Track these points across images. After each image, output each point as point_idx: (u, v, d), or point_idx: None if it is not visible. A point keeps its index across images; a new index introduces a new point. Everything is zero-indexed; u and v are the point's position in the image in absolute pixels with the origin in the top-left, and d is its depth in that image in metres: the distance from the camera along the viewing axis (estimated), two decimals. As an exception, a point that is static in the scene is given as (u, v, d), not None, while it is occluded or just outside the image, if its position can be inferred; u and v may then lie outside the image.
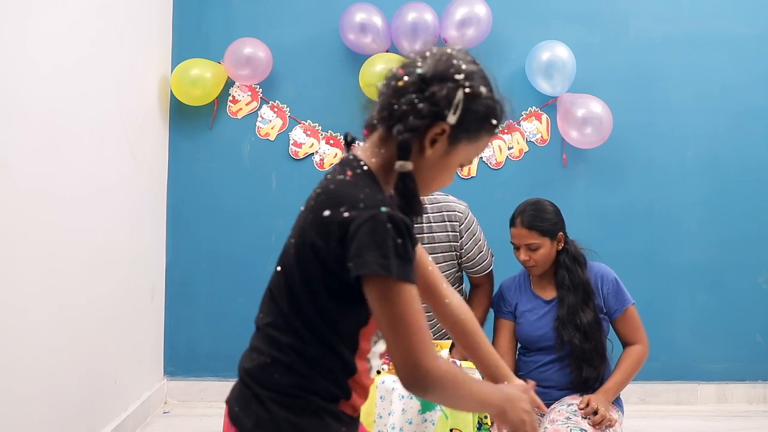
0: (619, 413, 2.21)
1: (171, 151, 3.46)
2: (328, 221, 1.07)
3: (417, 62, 1.15)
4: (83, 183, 2.51)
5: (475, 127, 1.13)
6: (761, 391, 3.55)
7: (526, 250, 2.20)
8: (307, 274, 1.11)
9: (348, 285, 1.08)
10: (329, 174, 1.16)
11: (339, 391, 1.15)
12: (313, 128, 3.47)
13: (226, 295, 3.48)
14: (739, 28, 3.54)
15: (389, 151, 1.12)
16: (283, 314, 1.14)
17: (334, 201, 1.08)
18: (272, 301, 1.18)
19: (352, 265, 1.03)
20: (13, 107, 2.03)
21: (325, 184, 1.14)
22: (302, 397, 1.12)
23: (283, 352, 1.13)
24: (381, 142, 1.14)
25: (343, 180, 1.11)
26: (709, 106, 3.54)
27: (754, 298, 3.51)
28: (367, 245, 1.02)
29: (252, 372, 1.17)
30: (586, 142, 3.37)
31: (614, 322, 2.26)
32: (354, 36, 3.32)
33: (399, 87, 1.11)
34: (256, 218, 3.47)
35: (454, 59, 1.15)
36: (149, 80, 3.21)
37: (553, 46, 3.34)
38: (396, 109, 1.10)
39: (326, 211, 1.07)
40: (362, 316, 1.14)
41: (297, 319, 1.13)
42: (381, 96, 1.15)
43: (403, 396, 1.89)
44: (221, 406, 1.25)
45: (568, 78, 3.35)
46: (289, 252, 1.15)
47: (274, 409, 1.12)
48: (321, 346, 1.13)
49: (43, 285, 2.23)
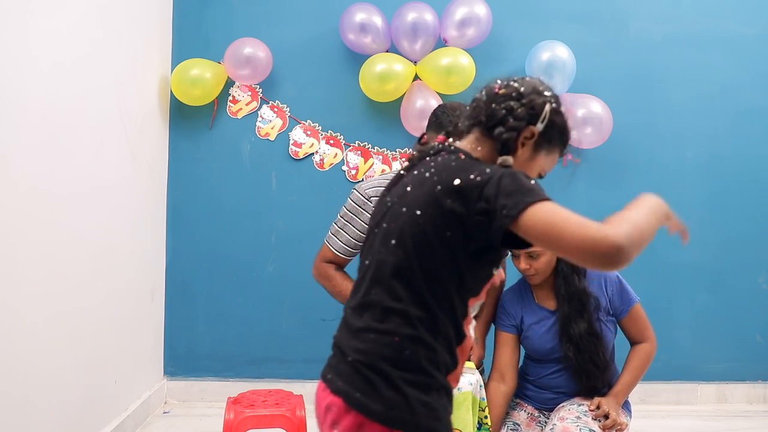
0: (627, 417, 2.21)
1: (171, 151, 3.47)
2: (461, 187, 1.16)
3: (511, 80, 1.33)
4: (83, 183, 2.51)
5: (554, 139, 1.33)
6: (761, 391, 3.55)
7: (526, 259, 2.16)
8: (435, 244, 1.18)
9: (485, 245, 1.18)
10: (433, 160, 1.27)
11: (452, 360, 1.23)
12: (313, 128, 3.47)
13: (226, 295, 3.48)
14: (739, 28, 3.54)
15: (485, 150, 1.29)
16: (403, 288, 1.19)
17: (462, 171, 1.18)
18: (382, 280, 1.22)
19: (506, 211, 1.11)
20: (12, 107, 2.03)
21: (440, 164, 1.24)
22: (430, 374, 1.18)
23: (410, 326, 1.18)
24: (477, 142, 1.30)
25: (459, 159, 1.25)
26: (709, 106, 3.54)
27: (754, 298, 3.52)
28: (514, 189, 1.12)
29: (376, 352, 1.18)
30: (586, 142, 3.37)
31: (621, 322, 2.24)
32: (354, 36, 3.32)
33: (499, 94, 1.30)
34: (256, 218, 3.48)
35: (541, 81, 1.35)
36: (149, 80, 3.21)
37: (553, 46, 3.34)
38: (496, 113, 1.28)
39: (456, 180, 1.17)
40: (486, 276, 1.26)
41: (420, 291, 1.19)
42: (475, 105, 1.33)
43: (403, 396, 1.88)
44: (221, 406, 1.25)
45: (568, 78, 3.35)
46: (401, 229, 1.22)
47: (406, 390, 1.15)
48: (442, 315, 1.20)
49: (42, 285, 2.23)
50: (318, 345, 3.44)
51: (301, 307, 3.45)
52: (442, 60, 3.27)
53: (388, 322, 1.19)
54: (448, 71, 3.27)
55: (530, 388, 2.31)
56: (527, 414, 2.28)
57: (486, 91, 1.34)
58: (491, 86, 1.34)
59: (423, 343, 1.18)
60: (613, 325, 2.24)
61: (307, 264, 2.53)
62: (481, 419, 2.02)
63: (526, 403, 2.31)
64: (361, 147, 3.47)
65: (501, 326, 2.32)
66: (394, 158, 3.46)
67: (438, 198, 1.18)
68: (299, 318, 3.47)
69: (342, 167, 3.47)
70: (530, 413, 2.28)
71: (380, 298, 1.21)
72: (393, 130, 3.44)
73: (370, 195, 2.24)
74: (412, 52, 3.32)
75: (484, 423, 2.03)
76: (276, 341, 3.48)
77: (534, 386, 2.30)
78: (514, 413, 2.28)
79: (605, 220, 1.12)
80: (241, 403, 2.37)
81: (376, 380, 1.16)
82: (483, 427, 2.03)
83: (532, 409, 2.29)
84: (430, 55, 3.32)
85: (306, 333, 3.46)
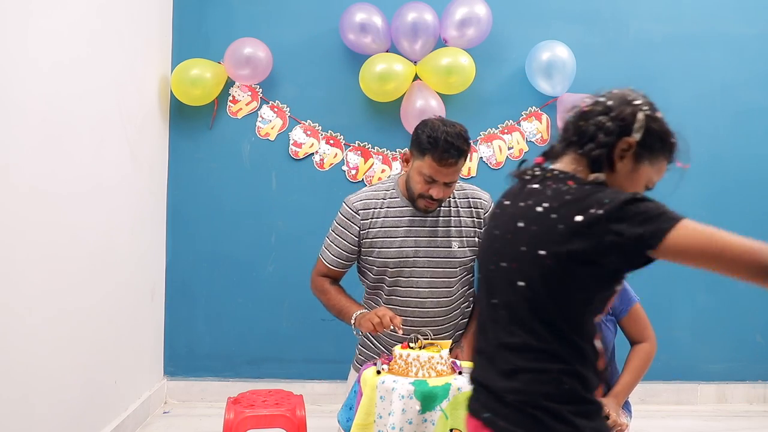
0: (627, 417, 2.20)
1: (171, 151, 3.47)
2: (585, 224, 1.15)
3: (598, 96, 1.33)
4: (83, 183, 2.51)
5: (655, 147, 1.29)
6: (761, 391, 3.55)
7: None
8: (566, 281, 1.19)
9: (615, 270, 1.18)
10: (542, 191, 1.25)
11: (596, 379, 1.24)
12: (313, 128, 3.47)
13: (225, 295, 3.48)
14: (739, 28, 3.54)
15: (584, 170, 1.27)
16: (544, 328, 1.21)
17: (581, 205, 1.16)
18: (521, 322, 1.23)
19: (646, 240, 1.11)
20: (12, 107, 2.03)
21: (553, 196, 1.22)
22: (590, 400, 1.22)
23: (562, 362, 1.20)
24: (575, 162, 1.28)
25: (570, 187, 1.22)
26: (709, 106, 3.54)
27: (754, 298, 3.51)
28: (645, 217, 1.12)
29: (535, 391, 1.20)
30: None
31: (621, 322, 2.24)
32: (354, 36, 3.32)
33: (586, 111, 1.29)
34: (256, 218, 3.48)
35: (630, 90, 1.33)
36: (149, 80, 3.21)
37: (553, 46, 3.35)
38: (585, 130, 1.27)
39: (578, 217, 1.15)
40: (612, 293, 1.25)
41: (560, 327, 1.20)
42: (565, 126, 1.33)
43: (403, 396, 1.89)
44: (221, 406, 1.25)
45: (568, 78, 3.36)
46: (527, 271, 1.22)
47: (576, 422, 1.18)
48: (581, 342, 1.22)
49: (42, 285, 2.23)
50: (318, 345, 3.47)
51: (301, 307, 3.45)
52: (442, 60, 3.27)
53: (539, 361, 1.21)
54: (448, 71, 3.27)
55: None
56: None
57: (574, 110, 1.34)
58: (578, 105, 1.33)
59: (576, 374, 1.20)
60: (613, 325, 2.24)
61: (307, 264, 2.53)
62: (481, 419, 2.02)
63: None
64: (361, 147, 3.47)
65: None
66: (394, 158, 3.46)
67: (562, 237, 1.17)
68: (299, 318, 3.47)
69: (342, 167, 3.47)
70: None
71: (524, 340, 1.22)
72: (393, 130, 3.44)
73: (358, 208, 2.27)
74: (412, 52, 3.32)
75: (484, 423, 2.03)
76: (276, 341, 3.48)
77: None
78: None
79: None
80: (241, 403, 2.36)
81: (543, 417, 1.18)
82: (483, 427, 2.03)
83: None
84: (430, 55, 3.32)
85: (306, 333, 3.46)
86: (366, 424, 1.94)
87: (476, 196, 2.34)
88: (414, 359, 1.97)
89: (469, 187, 2.37)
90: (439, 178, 2.12)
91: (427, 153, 2.09)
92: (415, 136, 2.17)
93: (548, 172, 1.29)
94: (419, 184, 2.15)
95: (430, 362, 1.97)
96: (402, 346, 2.05)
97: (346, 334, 2.70)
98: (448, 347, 2.06)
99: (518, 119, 3.49)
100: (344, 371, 2.58)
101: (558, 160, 1.31)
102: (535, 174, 1.31)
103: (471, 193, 2.34)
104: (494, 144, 3.49)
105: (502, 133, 3.50)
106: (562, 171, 1.28)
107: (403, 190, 2.27)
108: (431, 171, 2.10)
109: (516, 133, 3.50)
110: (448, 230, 2.27)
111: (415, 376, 1.95)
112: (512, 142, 3.50)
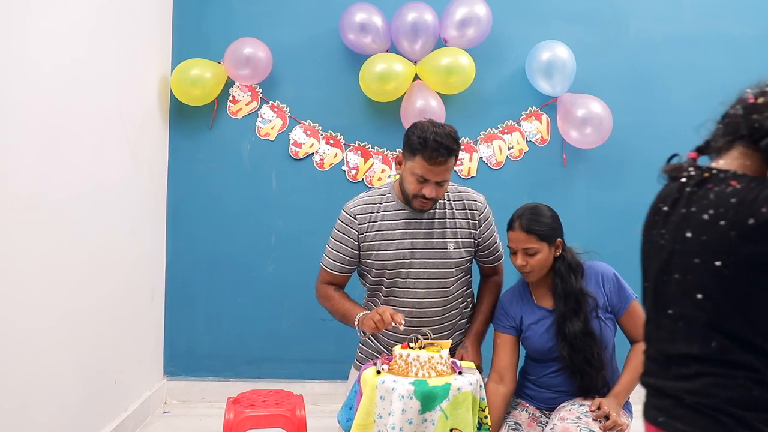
0: (628, 418, 2.20)
1: (171, 151, 3.46)
2: (759, 227, 1.10)
3: (764, 86, 1.26)
4: (83, 183, 2.51)
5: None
6: (761, 391, 3.55)
7: (523, 255, 2.17)
8: (747, 289, 1.14)
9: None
10: (704, 196, 1.20)
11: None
12: (313, 128, 3.47)
13: (225, 296, 3.48)
14: (739, 28, 3.54)
15: (755, 165, 1.22)
16: (728, 339, 1.16)
17: (751, 207, 1.12)
18: (702, 334, 1.18)
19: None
20: (12, 107, 2.03)
21: (718, 201, 1.17)
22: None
23: (749, 370, 1.15)
24: (743, 157, 1.23)
25: (735, 188, 1.16)
26: (708, 106, 3.52)
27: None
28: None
29: (719, 395, 1.16)
30: (586, 142, 3.37)
31: (620, 320, 2.24)
32: (354, 36, 3.32)
33: (758, 103, 1.23)
34: (256, 218, 3.47)
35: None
36: (149, 80, 3.21)
37: (553, 46, 3.34)
38: (762, 124, 1.21)
39: (750, 220, 1.11)
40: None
41: (744, 336, 1.15)
42: (730, 120, 1.28)
43: (403, 396, 1.89)
44: (221, 406, 1.25)
45: (568, 78, 3.36)
46: (703, 283, 1.17)
47: (764, 430, 1.14)
48: (764, 342, 1.16)
49: (43, 285, 2.23)
50: (318, 345, 3.47)
51: (301, 307, 3.45)
52: (442, 60, 3.27)
53: (723, 367, 1.17)
54: (448, 71, 3.27)
55: (531, 387, 2.31)
56: (528, 414, 2.27)
57: (740, 103, 1.28)
58: (744, 97, 1.27)
59: (765, 382, 1.15)
60: (612, 323, 2.24)
61: (307, 264, 2.53)
62: (481, 419, 2.02)
63: (527, 403, 2.31)
64: (361, 147, 3.47)
65: (499, 327, 2.32)
66: (394, 158, 3.46)
67: (736, 245, 1.12)
68: (299, 318, 3.47)
69: (342, 167, 3.47)
70: (531, 413, 2.28)
71: (706, 352, 1.18)
72: (393, 130, 3.44)
73: (356, 213, 2.32)
74: (412, 52, 3.32)
75: (484, 423, 2.03)
76: (276, 341, 3.48)
77: (535, 385, 2.30)
78: (515, 413, 2.28)
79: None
80: (241, 403, 2.37)
81: (727, 422, 1.15)
82: (483, 427, 2.03)
83: (533, 408, 2.29)
84: (430, 55, 3.32)
85: (306, 333, 3.46)
86: (366, 424, 1.94)
87: (471, 197, 2.38)
88: (414, 359, 1.97)
89: (463, 189, 2.41)
90: (431, 177, 2.17)
91: (418, 153, 2.15)
92: (405, 138, 2.23)
93: (705, 171, 1.23)
94: (412, 185, 2.20)
95: (430, 362, 1.97)
96: (402, 346, 2.06)
97: (346, 334, 2.70)
98: (448, 347, 2.06)
99: (518, 119, 3.49)
100: (344, 371, 2.58)
101: (720, 157, 1.26)
102: (691, 175, 1.25)
103: (466, 195, 2.38)
104: (494, 144, 3.49)
105: (502, 133, 3.50)
106: (722, 170, 1.22)
107: (398, 193, 2.32)
108: (423, 171, 2.16)
109: (516, 133, 3.50)
110: (444, 231, 2.31)
111: (415, 376, 1.95)
112: (512, 142, 3.50)
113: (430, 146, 2.12)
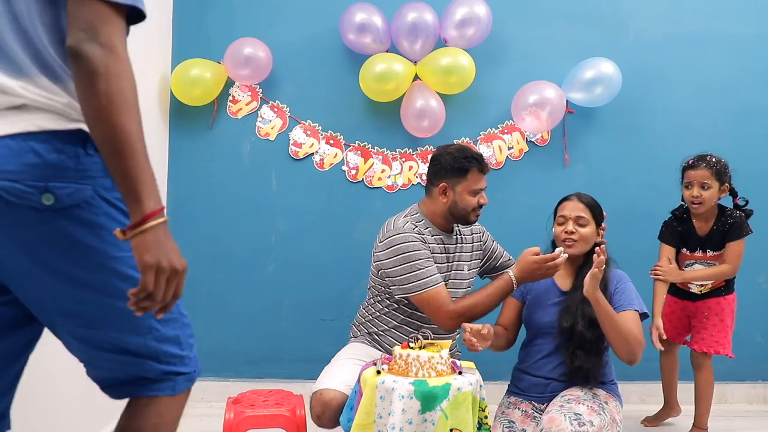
0: (617, 402, 2.25)
1: (171, 151, 3.46)
2: None
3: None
4: (83, 183, 2.50)
5: None
6: (761, 391, 3.55)
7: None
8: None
9: None
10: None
11: None
12: (313, 128, 3.47)
13: (226, 295, 3.48)
14: (739, 28, 3.54)
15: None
16: None
17: None
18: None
19: None
20: (13, 107, 2.03)
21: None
22: None
23: None
24: None
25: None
26: (708, 105, 3.54)
27: (754, 298, 3.51)
28: None
29: None
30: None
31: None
32: (354, 36, 3.32)
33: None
34: (256, 218, 3.47)
35: None
36: (149, 80, 3.21)
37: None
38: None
39: None
40: None
41: None
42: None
43: (403, 396, 1.89)
44: (221, 406, 1.25)
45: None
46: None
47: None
48: None
49: (43, 285, 2.23)
50: (318, 345, 3.46)
51: (301, 307, 3.46)
52: (442, 60, 3.27)
53: None
54: (448, 71, 3.27)
55: (524, 378, 2.38)
56: (521, 412, 2.33)
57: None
58: None
59: None
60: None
61: (307, 264, 2.50)
62: (481, 419, 2.03)
63: (520, 402, 2.37)
64: (361, 147, 3.47)
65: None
66: (394, 158, 3.46)
67: None
68: (299, 318, 3.47)
69: (342, 167, 3.47)
70: (524, 411, 2.33)
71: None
72: (393, 130, 3.44)
73: (417, 232, 2.37)
74: (412, 52, 3.32)
75: (484, 423, 2.03)
76: (276, 341, 3.48)
77: (526, 374, 2.38)
78: (509, 412, 2.35)
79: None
80: (241, 403, 2.37)
81: None
82: (483, 427, 2.03)
83: (526, 406, 2.35)
84: (430, 55, 3.32)
85: (306, 333, 3.46)
86: (366, 424, 1.94)
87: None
88: (414, 359, 1.97)
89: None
90: (483, 185, 2.40)
91: (470, 170, 2.36)
92: (446, 166, 2.37)
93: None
94: (471, 201, 2.38)
95: (430, 362, 1.97)
96: (402, 346, 2.06)
97: (346, 334, 2.71)
98: (448, 347, 2.07)
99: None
100: (344, 371, 2.58)
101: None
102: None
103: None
104: (494, 144, 3.49)
105: (502, 133, 3.50)
106: None
107: (432, 219, 2.43)
108: (479, 182, 2.38)
109: (516, 133, 3.50)
110: (461, 255, 2.50)
111: (415, 376, 1.95)
112: (512, 142, 3.50)
113: (477, 159, 2.37)
